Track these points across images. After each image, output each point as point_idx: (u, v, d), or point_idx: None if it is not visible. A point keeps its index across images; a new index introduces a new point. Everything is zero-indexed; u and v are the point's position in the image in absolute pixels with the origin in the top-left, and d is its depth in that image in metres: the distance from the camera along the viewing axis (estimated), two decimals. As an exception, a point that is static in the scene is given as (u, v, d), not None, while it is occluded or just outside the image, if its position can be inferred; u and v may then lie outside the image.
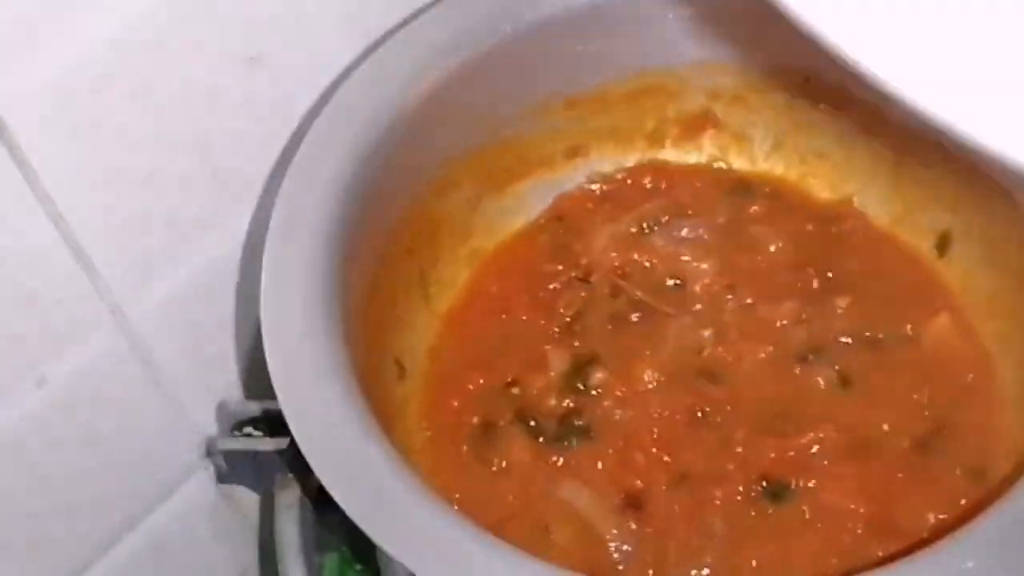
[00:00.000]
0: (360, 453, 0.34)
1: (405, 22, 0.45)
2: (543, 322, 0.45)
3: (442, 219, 0.46)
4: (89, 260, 0.46)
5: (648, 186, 0.48)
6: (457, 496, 0.41)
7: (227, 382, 0.55)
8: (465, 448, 0.43)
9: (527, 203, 0.48)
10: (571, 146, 0.48)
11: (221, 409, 0.50)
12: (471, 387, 0.44)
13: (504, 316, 0.46)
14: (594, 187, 0.48)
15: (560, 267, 0.46)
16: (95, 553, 0.54)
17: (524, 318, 0.45)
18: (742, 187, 0.48)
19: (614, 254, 0.46)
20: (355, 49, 0.49)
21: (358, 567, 0.52)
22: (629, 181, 0.48)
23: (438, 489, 0.38)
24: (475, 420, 0.43)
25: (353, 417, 0.35)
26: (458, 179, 0.46)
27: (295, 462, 0.46)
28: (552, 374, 0.44)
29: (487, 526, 0.35)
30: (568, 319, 0.45)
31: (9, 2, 0.39)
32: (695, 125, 0.48)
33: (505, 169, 0.47)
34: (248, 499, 0.58)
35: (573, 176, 0.49)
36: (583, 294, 0.46)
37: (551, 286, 0.45)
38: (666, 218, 0.47)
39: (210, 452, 0.53)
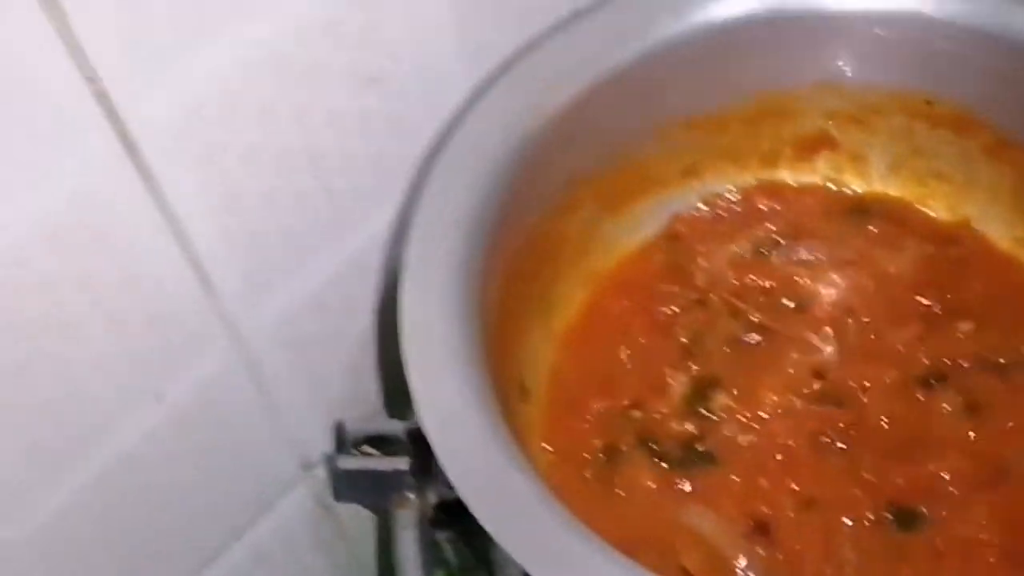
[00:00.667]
0: (505, 479, 0.34)
1: (528, 47, 0.45)
2: (661, 344, 0.46)
3: (563, 240, 0.46)
4: (208, 279, 0.47)
5: (763, 207, 0.48)
6: (584, 521, 0.41)
7: (332, 398, 0.55)
8: (589, 473, 0.43)
9: (642, 223, 0.48)
10: (687, 166, 0.48)
11: (338, 427, 0.50)
12: (592, 410, 0.44)
13: (622, 338, 0.46)
14: (708, 208, 0.48)
15: (676, 288, 0.46)
16: (201, 563, 0.54)
17: (642, 340, 0.46)
18: (858, 208, 0.48)
19: (731, 275, 0.46)
20: (469, 72, 0.49)
21: (461, 584, 0.52)
22: (744, 202, 0.48)
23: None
24: (598, 444, 0.43)
25: (497, 442, 0.35)
26: (580, 200, 0.46)
27: (415, 482, 0.47)
28: (673, 398, 0.44)
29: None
30: (686, 341, 0.45)
31: (143, 31, 0.39)
32: (811, 146, 0.48)
33: (624, 189, 0.47)
34: (347, 513, 0.59)
35: (688, 196, 0.49)
36: (701, 316, 0.46)
37: (668, 308, 0.45)
38: (783, 239, 0.47)
39: (315, 470, 0.54)
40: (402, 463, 0.46)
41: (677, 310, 0.45)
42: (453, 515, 0.49)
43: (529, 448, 0.43)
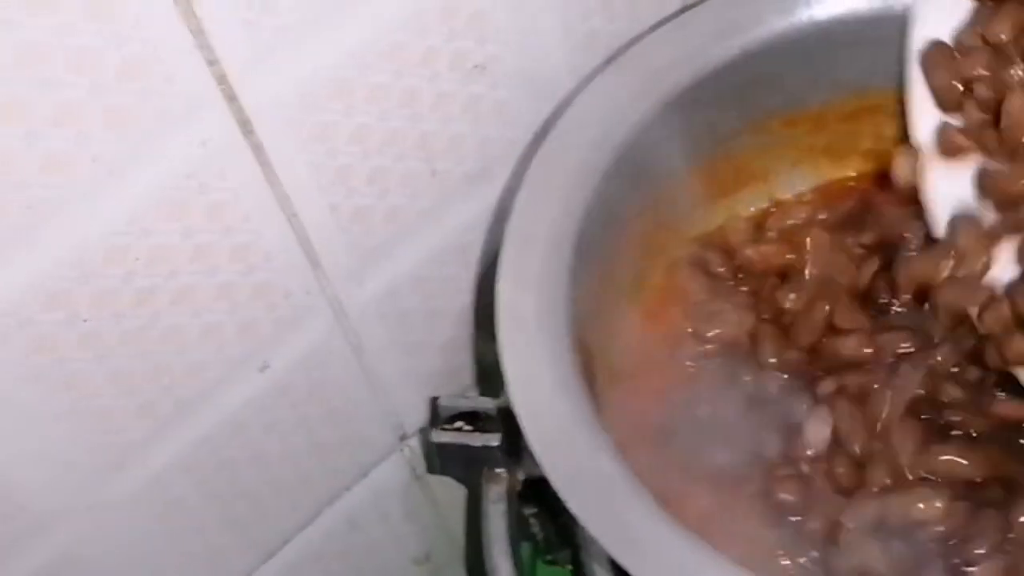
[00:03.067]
0: (592, 461, 0.36)
1: (634, 39, 0.46)
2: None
3: (660, 228, 0.47)
4: (315, 253, 0.49)
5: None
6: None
7: (426, 373, 0.57)
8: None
9: (739, 216, 0.49)
10: (786, 162, 0.48)
11: (433, 403, 0.52)
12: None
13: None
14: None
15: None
16: (298, 526, 0.57)
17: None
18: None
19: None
20: (575, 62, 0.50)
21: (548, 557, 0.53)
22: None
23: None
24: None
25: (585, 424, 0.36)
26: (676, 192, 0.47)
27: (505, 458, 0.48)
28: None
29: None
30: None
31: (263, 17, 0.41)
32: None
33: (721, 183, 0.48)
34: (438, 483, 0.61)
35: (786, 190, 0.49)
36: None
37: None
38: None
39: (408, 441, 0.56)
40: (493, 439, 0.48)
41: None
42: (540, 492, 0.51)
43: (616, 431, 0.43)
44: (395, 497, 0.60)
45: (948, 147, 0.41)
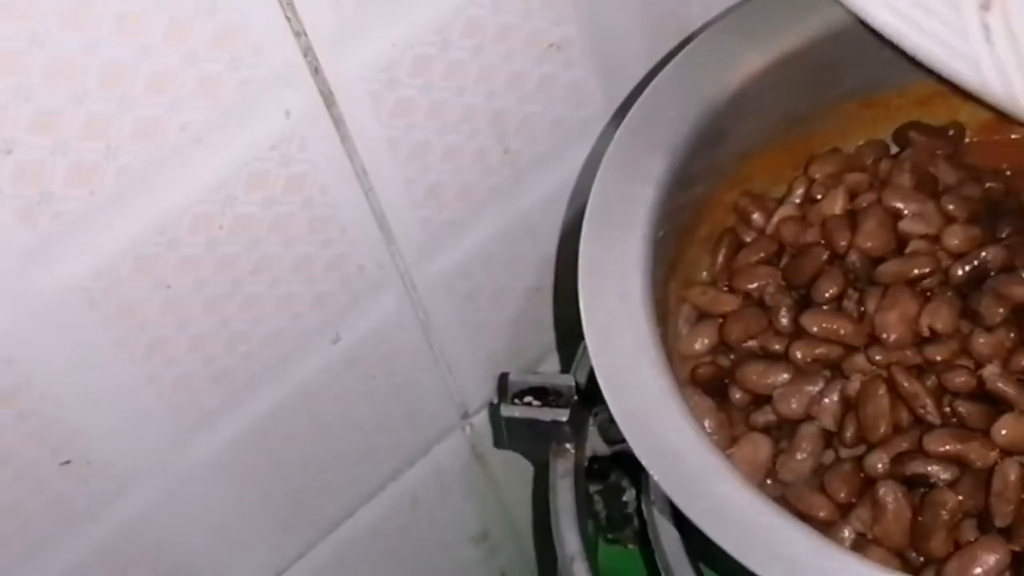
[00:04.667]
0: (680, 440, 0.36)
1: (710, 22, 0.46)
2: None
3: (730, 210, 0.47)
4: (389, 228, 0.49)
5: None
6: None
7: (494, 349, 0.57)
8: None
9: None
10: (860, 146, 0.48)
11: (502, 379, 0.53)
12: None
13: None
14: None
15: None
16: (361, 500, 0.57)
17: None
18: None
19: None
20: (650, 45, 0.51)
21: (610, 536, 0.54)
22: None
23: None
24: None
25: (669, 399, 0.37)
26: (751, 174, 0.47)
27: (573, 434, 0.49)
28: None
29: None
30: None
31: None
32: (985, 131, 0.49)
33: (793, 166, 0.48)
34: (499, 463, 0.61)
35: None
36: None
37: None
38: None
39: (471, 419, 0.56)
40: (562, 415, 0.48)
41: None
42: (604, 470, 0.51)
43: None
44: (456, 475, 0.61)
45: None
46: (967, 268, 0.42)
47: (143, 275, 0.42)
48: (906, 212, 0.44)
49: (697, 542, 0.43)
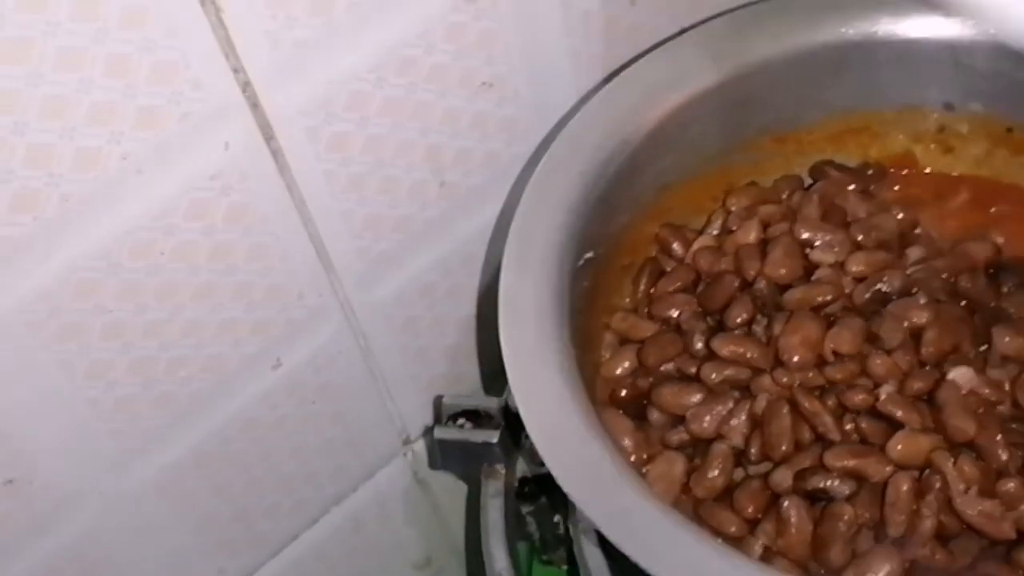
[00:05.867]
0: (590, 455, 0.38)
1: (631, 59, 0.48)
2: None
3: (651, 241, 0.49)
4: (328, 258, 0.51)
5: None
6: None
7: (431, 376, 0.59)
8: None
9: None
10: (775, 179, 0.51)
11: (437, 401, 0.54)
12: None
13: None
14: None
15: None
16: (304, 524, 0.59)
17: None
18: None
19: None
20: (579, 82, 0.53)
21: (544, 557, 0.55)
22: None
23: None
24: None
25: (583, 419, 0.39)
26: (671, 206, 0.49)
27: (504, 454, 0.50)
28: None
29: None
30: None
31: (287, 30, 0.44)
32: (895, 166, 0.51)
33: (712, 198, 0.50)
34: (441, 488, 0.63)
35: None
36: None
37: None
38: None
39: (413, 444, 0.58)
40: (492, 436, 0.50)
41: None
42: (537, 491, 0.53)
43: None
44: (398, 500, 0.62)
45: None
46: (869, 293, 0.45)
47: (85, 299, 0.44)
48: (815, 241, 0.46)
49: (622, 564, 0.45)
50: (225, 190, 0.45)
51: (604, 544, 0.45)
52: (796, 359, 0.43)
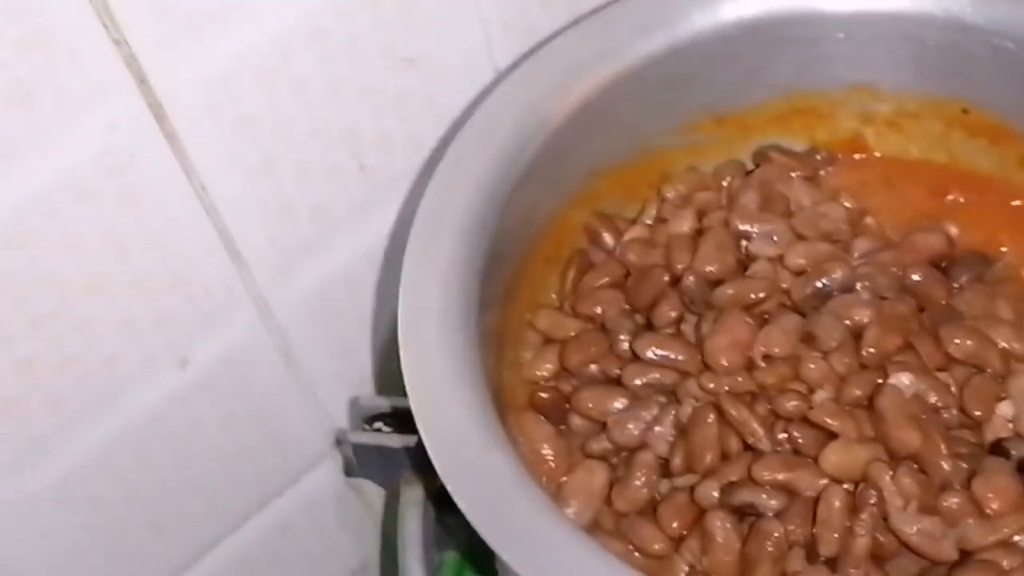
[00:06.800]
0: (487, 462, 0.34)
1: (558, 32, 0.45)
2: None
3: (580, 230, 0.46)
4: (237, 249, 0.48)
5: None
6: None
7: (360, 375, 0.56)
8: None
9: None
10: (716, 164, 0.47)
11: (353, 403, 0.51)
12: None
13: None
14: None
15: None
16: (225, 530, 0.55)
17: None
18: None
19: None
20: (507, 55, 0.49)
21: (472, 569, 0.52)
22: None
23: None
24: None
25: (482, 425, 0.35)
26: (601, 192, 0.46)
27: (422, 461, 0.47)
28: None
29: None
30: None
31: (175, 1, 0.40)
32: (844, 150, 0.47)
33: (647, 184, 0.46)
34: (374, 492, 0.59)
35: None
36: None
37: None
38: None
39: (339, 443, 0.54)
40: (412, 440, 0.46)
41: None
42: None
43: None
44: (329, 504, 0.59)
45: None
46: (808, 289, 0.41)
47: (-44, 291, 0.41)
48: (752, 233, 0.43)
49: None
50: (113, 173, 0.42)
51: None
52: (724, 362, 0.39)
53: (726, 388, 0.39)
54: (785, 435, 0.39)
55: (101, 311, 0.45)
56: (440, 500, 0.48)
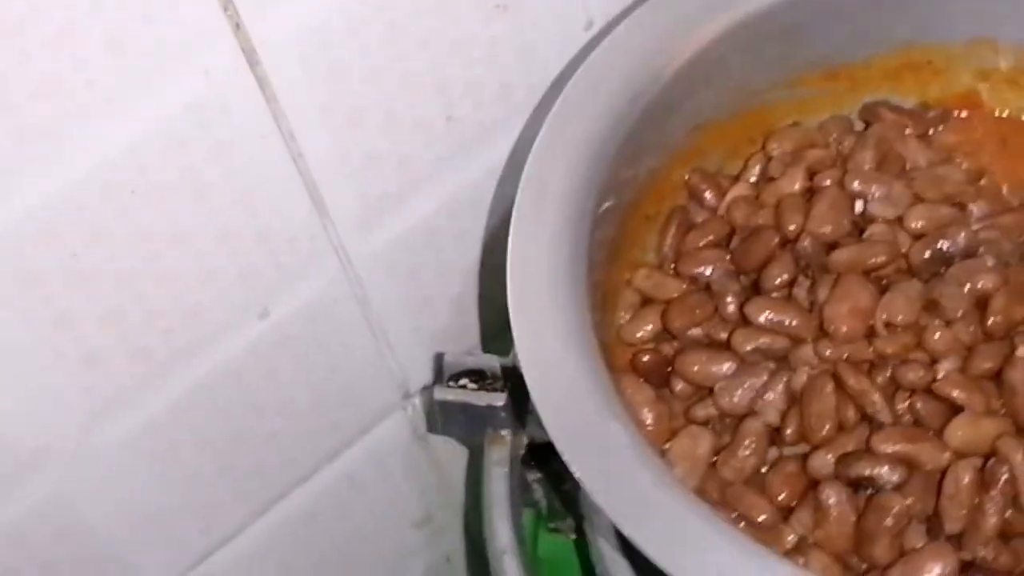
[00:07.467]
0: (602, 429, 0.33)
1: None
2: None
3: (681, 188, 0.44)
4: (321, 199, 0.46)
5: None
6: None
7: (436, 329, 0.55)
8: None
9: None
10: (821, 120, 0.45)
11: (438, 359, 0.50)
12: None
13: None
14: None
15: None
16: (297, 479, 0.55)
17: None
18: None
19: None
20: (601, 5, 0.48)
21: (551, 525, 0.52)
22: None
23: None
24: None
25: (595, 391, 0.34)
26: (704, 148, 0.44)
27: (509, 419, 0.46)
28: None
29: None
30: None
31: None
32: (957, 107, 0.46)
33: (751, 140, 0.45)
34: (440, 445, 0.59)
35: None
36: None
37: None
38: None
39: (420, 397, 0.54)
40: (498, 399, 0.46)
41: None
42: (545, 457, 0.49)
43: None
44: (396, 457, 0.58)
45: None
46: (928, 252, 0.40)
47: (46, 244, 0.39)
48: (870, 194, 0.41)
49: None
50: (204, 123, 0.41)
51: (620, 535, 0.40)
52: (844, 330, 0.38)
53: (845, 356, 0.38)
54: (906, 406, 0.38)
55: (186, 264, 0.44)
56: (524, 460, 0.48)
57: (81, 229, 0.40)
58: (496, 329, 0.56)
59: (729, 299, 0.41)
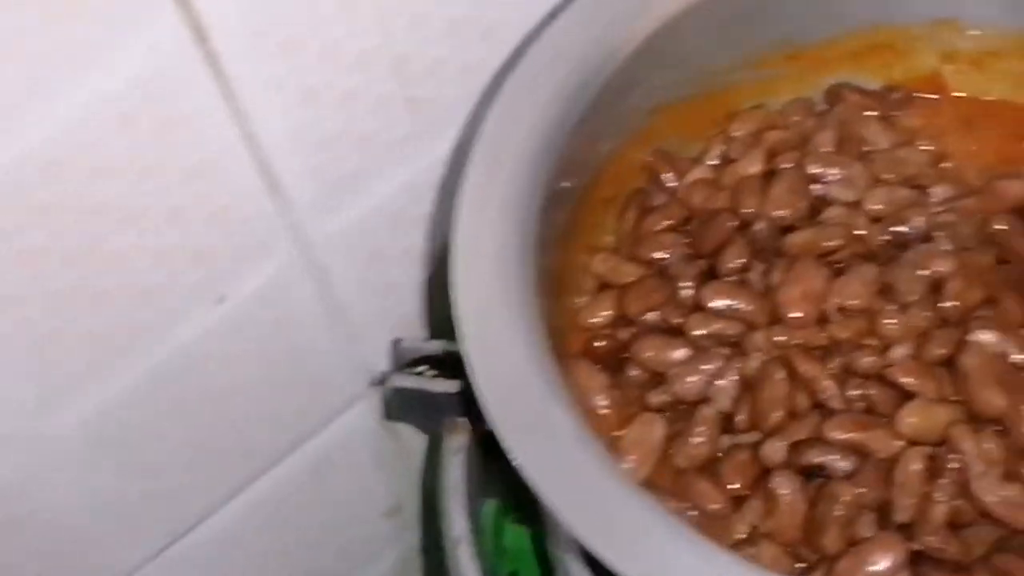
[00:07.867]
0: (545, 416, 0.32)
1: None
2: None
3: (639, 170, 0.43)
4: (277, 180, 0.46)
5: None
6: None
7: (401, 315, 0.54)
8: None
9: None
10: (784, 102, 0.44)
11: (396, 345, 0.49)
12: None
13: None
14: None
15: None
16: (260, 469, 0.54)
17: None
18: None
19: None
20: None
21: (513, 516, 0.51)
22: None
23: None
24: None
25: (540, 376, 0.33)
26: (665, 130, 0.43)
27: (466, 407, 0.45)
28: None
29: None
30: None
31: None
32: (921, 89, 0.45)
33: (713, 122, 0.44)
34: (409, 433, 0.58)
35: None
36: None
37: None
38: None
39: (380, 385, 0.53)
40: (454, 386, 0.45)
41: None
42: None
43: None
44: (364, 446, 0.57)
45: None
46: (886, 236, 0.39)
47: (-13, 223, 0.39)
48: (828, 176, 0.40)
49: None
50: (150, 99, 0.40)
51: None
52: (796, 315, 0.37)
53: (798, 342, 0.37)
54: (858, 393, 0.37)
55: (136, 245, 0.43)
56: (483, 448, 0.47)
57: (24, 208, 0.39)
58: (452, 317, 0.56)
59: (685, 283, 0.40)
